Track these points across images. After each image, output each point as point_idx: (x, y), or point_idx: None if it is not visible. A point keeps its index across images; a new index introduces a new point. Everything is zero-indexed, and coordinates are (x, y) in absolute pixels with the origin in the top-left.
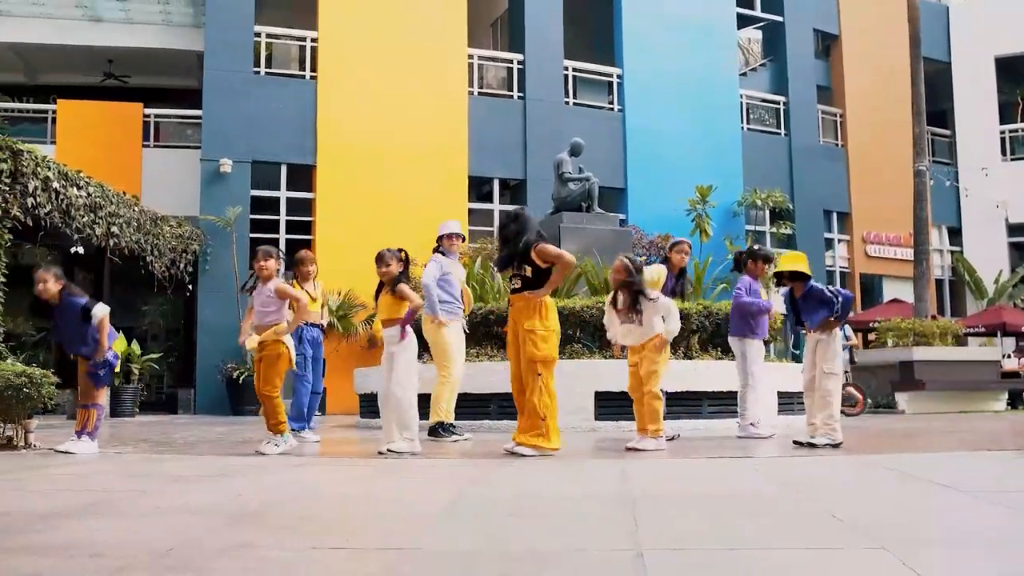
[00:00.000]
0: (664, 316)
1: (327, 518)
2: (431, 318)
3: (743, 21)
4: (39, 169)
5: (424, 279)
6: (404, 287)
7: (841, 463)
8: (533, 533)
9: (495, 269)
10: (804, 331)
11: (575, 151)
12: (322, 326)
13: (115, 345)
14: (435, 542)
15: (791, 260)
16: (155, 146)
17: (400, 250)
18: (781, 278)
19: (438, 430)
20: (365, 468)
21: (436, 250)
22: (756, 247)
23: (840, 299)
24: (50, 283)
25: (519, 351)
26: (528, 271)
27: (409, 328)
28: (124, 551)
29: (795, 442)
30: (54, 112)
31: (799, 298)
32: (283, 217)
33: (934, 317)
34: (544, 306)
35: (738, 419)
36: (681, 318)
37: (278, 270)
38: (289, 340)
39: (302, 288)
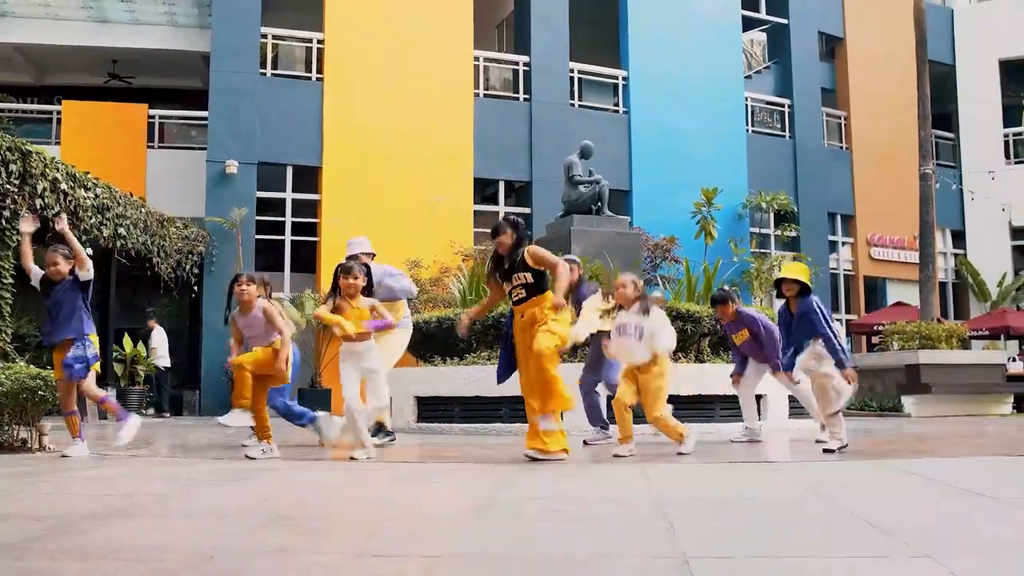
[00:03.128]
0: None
1: (356, 522)
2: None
3: (748, 24)
4: (48, 170)
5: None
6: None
7: (861, 468)
8: (567, 538)
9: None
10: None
11: (585, 154)
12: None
13: (96, 343)
14: (466, 546)
15: (793, 269)
16: (160, 147)
17: (365, 265)
18: (780, 285)
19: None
20: (383, 472)
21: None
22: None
23: (833, 337)
24: (61, 264)
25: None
26: (529, 278)
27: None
28: (161, 555)
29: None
30: (59, 113)
31: (794, 314)
32: (289, 219)
33: (939, 320)
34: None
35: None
36: (693, 321)
37: (260, 295)
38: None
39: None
